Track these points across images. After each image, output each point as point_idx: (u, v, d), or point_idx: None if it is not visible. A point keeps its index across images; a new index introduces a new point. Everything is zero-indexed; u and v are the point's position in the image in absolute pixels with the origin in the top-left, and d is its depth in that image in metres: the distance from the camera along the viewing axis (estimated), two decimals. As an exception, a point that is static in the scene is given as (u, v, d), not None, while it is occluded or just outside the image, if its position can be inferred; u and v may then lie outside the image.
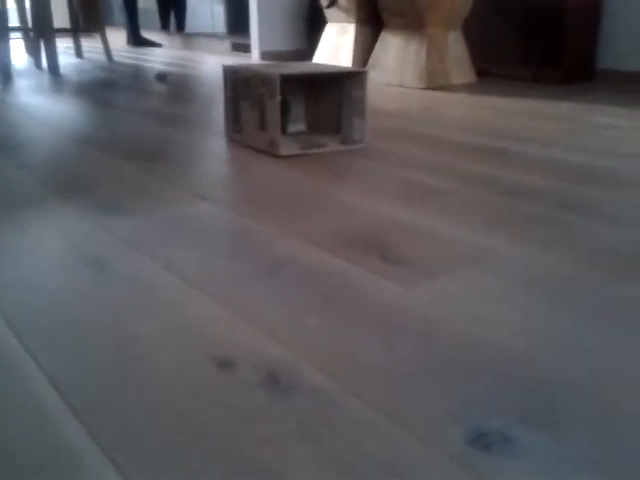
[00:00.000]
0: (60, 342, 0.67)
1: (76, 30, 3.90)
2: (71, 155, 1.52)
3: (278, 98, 1.51)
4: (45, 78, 3.05)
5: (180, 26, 5.42)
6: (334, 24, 3.23)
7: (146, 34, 5.27)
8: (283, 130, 1.72)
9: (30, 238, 0.97)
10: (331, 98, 1.69)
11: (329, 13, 3.22)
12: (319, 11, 3.32)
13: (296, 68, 1.61)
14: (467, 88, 2.81)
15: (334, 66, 1.68)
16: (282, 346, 0.66)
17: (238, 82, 1.64)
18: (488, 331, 0.70)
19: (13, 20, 4.34)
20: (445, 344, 0.67)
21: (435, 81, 2.81)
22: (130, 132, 1.80)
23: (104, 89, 2.68)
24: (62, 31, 3.86)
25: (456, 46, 2.91)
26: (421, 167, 1.43)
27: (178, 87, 2.78)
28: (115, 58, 4.07)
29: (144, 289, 0.80)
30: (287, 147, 1.57)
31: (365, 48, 3.09)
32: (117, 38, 5.53)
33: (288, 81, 1.70)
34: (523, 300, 0.77)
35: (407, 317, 0.73)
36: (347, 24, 3.13)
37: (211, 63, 3.88)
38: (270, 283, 0.81)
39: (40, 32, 3.43)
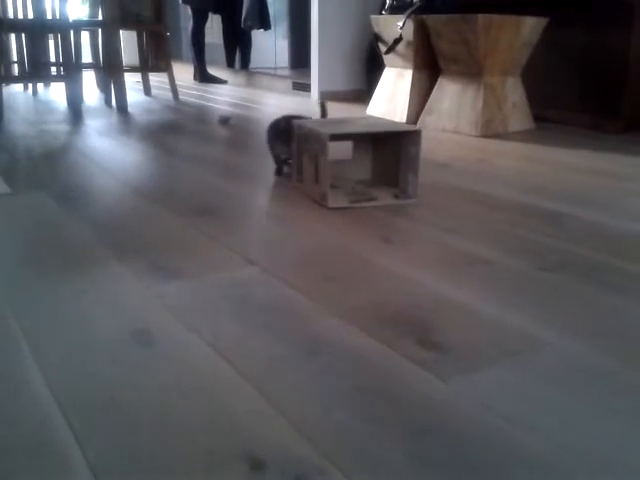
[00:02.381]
0: (101, 422, 0.71)
1: (145, 69, 4.08)
2: (129, 208, 1.59)
3: (329, 156, 1.55)
4: (113, 117, 3.20)
5: (244, 64, 5.59)
6: (392, 69, 3.27)
7: (212, 70, 5.45)
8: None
9: (82, 304, 1.03)
10: (391, 152, 1.73)
11: (387, 58, 3.26)
12: (378, 53, 3.37)
13: (351, 126, 1.65)
14: (524, 136, 2.78)
15: (389, 123, 1.71)
16: (311, 446, 0.67)
17: (301, 137, 1.69)
18: (523, 438, 0.69)
19: (86, 55, 4.57)
20: (477, 452, 0.67)
21: (491, 129, 2.79)
22: (187, 182, 1.87)
23: (168, 132, 2.79)
24: (131, 70, 4.05)
25: (514, 93, 2.89)
26: (468, 231, 1.43)
27: (240, 132, 2.86)
28: (181, 96, 4.22)
29: (187, 370, 0.83)
30: (336, 200, 1.61)
31: (422, 93, 3.11)
32: (185, 73, 5.75)
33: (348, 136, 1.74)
34: (563, 402, 0.76)
35: (440, 417, 0.73)
36: (405, 69, 3.17)
37: (272, 104, 3.98)
38: (306, 370, 0.83)
39: (110, 71, 3.61)
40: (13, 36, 4.12)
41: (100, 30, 3.82)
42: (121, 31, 3.65)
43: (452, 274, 1.17)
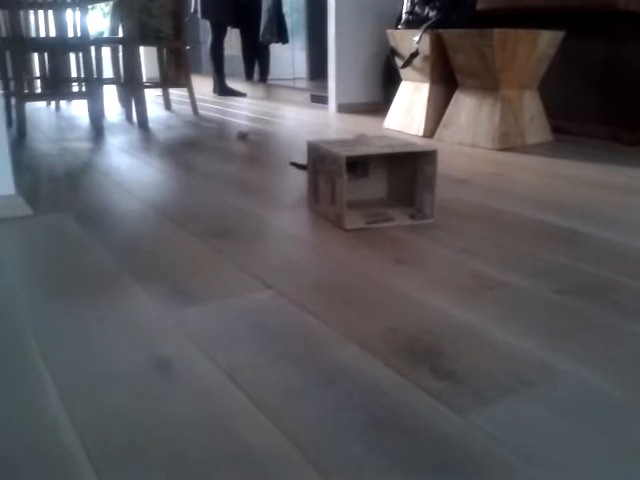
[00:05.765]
0: (118, 454, 0.72)
1: (165, 84, 4.14)
2: (149, 229, 1.62)
3: (345, 177, 1.57)
4: (134, 134, 3.25)
5: (263, 76, 5.64)
6: (409, 82, 3.29)
7: (232, 82, 5.51)
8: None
9: (103, 330, 1.05)
10: (407, 171, 1.74)
11: (404, 72, 3.27)
12: (394, 66, 3.38)
13: (366, 147, 1.66)
14: (541, 149, 2.77)
15: (406, 143, 1.72)
16: None
17: (317, 158, 1.71)
18: (542, 477, 0.70)
19: (108, 69, 4.64)
20: (486, 485, 0.68)
21: (508, 142, 2.79)
22: (205, 202, 1.89)
23: (187, 149, 2.83)
24: (152, 86, 4.11)
25: (531, 106, 2.89)
26: (484, 252, 1.43)
27: (257, 147, 2.89)
28: (200, 110, 4.28)
29: (204, 401, 0.84)
30: (352, 221, 1.62)
31: (438, 107, 3.12)
32: (204, 87, 5.82)
33: (364, 158, 1.76)
34: (580, 436, 0.77)
35: (455, 452, 0.74)
36: (421, 83, 3.18)
37: (291, 117, 4.01)
38: (319, 399, 0.85)
39: (130, 87, 3.67)
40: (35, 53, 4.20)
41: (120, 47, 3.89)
42: (141, 47, 3.71)
43: (467, 298, 1.18)
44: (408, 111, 3.27)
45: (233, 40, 6.02)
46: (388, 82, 3.96)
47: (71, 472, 0.70)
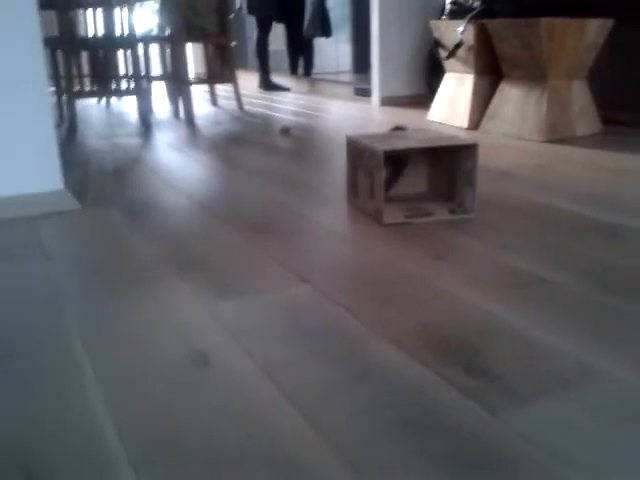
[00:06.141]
0: (155, 447, 0.75)
1: (211, 80, 4.20)
2: (193, 224, 1.65)
3: (383, 171, 1.56)
4: (181, 130, 3.31)
5: (307, 71, 5.65)
6: (453, 74, 3.24)
7: (277, 77, 5.55)
8: (387, 187, 1.77)
9: (144, 323, 1.08)
10: (447, 165, 1.72)
11: (448, 63, 3.23)
12: (438, 58, 3.34)
13: (406, 140, 1.65)
14: (590, 140, 2.70)
15: (445, 136, 1.70)
16: None
17: (355, 152, 1.71)
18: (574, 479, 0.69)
19: (156, 67, 4.73)
20: (516, 485, 0.67)
21: (556, 134, 2.72)
22: (248, 197, 1.92)
23: (232, 144, 2.87)
24: (198, 83, 4.17)
25: (580, 96, 2.81)
26: (526, 247, 1.41)
27: (300, 142, 2.91)
28: (246, 106, 4.32)
29: (239, 395, 0.86)
30: (391, 216, 1.62)
31: (483, 98, 3.07)
32: (250, 82, 5.87)
33: (402, 152, 1.74)
34: (617, 440, 0.75)
35: (487, 452, 0.73)
36: (465, 74, 3.13)
37: (334, 111, 4.01)
38: (353, 397, 0.85)
39: (177, 84, 3.74)
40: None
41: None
42: (188, 44, 3.77)
43: (506, 295, 1.16)
44: (452, 103, 3.23)
45: (278, 35, 6.05)
46: (432, 74, 3.91)
47: (108, 465, 0.73)
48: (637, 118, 2.95)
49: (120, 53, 4.00)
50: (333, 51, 6.42)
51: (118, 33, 3.34)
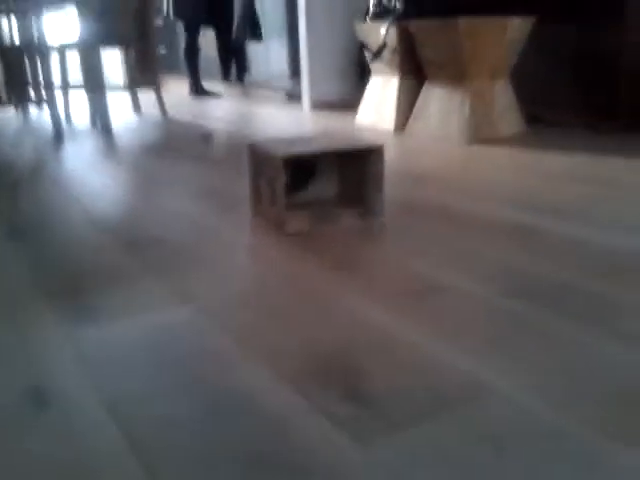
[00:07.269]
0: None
1: (131, 86, 4.03)
2: (79, 243, 1.51)
3: (283, 178, 1.46)
4: (95, 139, 3.14)
5: (240, 76, 5.53)
6: (379, 76, 3.17)
7: (209, 83, 5.40)
8: (295, 193, 1.66)
9: (-9, 358, 0.94)
10: (356, 169, 1.62)
11: (374, 66, 3.16)
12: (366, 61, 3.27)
13: (310, 145, 1.55)
14: (514, 140, 2.66)
15: (351, 141, 1.61)
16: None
17: (257, 159, 1.60)
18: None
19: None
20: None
21: (479, 134, 2.68)
22: (149, 210, 1.78)
23: (146, 154, 2.72)
24: (116, 89, 3.99)
25: (503, 96, 2.77)
26: (434, 254, 1.32)
27: (220, 150, 2.78)
28: (172, 113, 4.16)
29: (73, 441, 0.73)
30: (294, 225, 1.51)
31: (409, 100, 3.01)
32: (180, 88, 5.70)
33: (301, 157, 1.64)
34: (507, 473, 0.65)
35: (343, 494, 0.63)
36: (391, 76, 3.06)
37: (263, 117, 3.90)
38: (202, 436, 0.73)
39: (91, 90, 3.56)
40: None
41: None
42: (108, 50, 3.60)
43: (404, 305, 1.07)
44: (379, 106, 3.16)
45: (210, 40, 5.91)
46: (362, 77, 3.84)
47: None
48: (561, 116, 2.94)
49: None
50: (270, 56, 6.32)
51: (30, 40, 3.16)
